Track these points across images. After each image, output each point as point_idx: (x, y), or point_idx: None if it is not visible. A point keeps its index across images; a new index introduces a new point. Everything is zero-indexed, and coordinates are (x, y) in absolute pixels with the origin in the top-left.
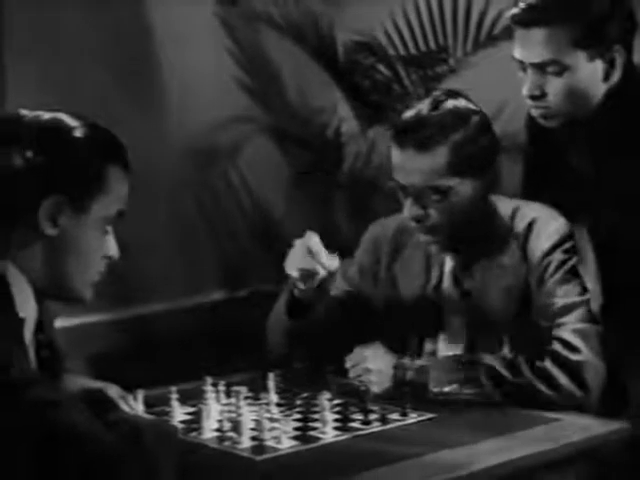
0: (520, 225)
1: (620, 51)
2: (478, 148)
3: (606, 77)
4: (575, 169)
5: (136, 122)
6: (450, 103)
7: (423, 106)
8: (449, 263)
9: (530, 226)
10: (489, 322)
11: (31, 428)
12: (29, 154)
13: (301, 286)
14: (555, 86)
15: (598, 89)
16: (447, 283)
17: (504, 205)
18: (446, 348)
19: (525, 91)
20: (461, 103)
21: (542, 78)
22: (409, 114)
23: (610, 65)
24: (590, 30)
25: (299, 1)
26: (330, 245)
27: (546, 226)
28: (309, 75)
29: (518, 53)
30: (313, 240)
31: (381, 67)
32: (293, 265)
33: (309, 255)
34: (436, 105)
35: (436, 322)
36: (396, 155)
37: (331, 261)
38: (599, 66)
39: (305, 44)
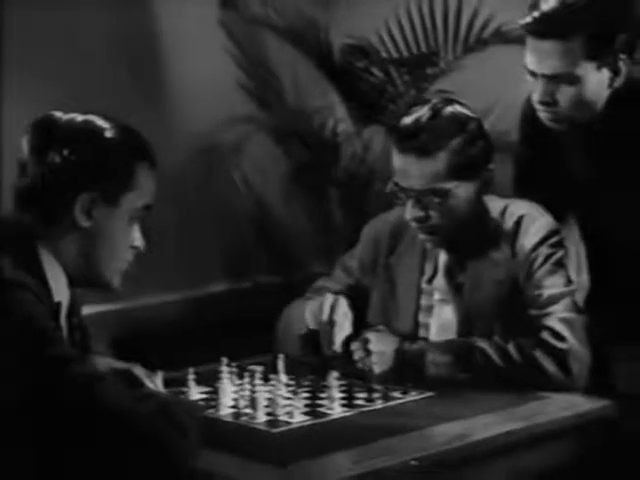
0: (509, 222)
1: (625, 60)
2: (475, 152)
3: (610, 84)
4: (570, 168)
5: (141, 121)
6: (448, 110)
7: (423, 113)
8: (443, 258)
9: (518, 223)
10: (481, 312)
11: (77, 400)
12: (65, 153)
13: None
14: (566, 94)
15: (603, 95)
16: (441, 276)
17: (494, 204)
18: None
19: (536, 97)
20: (458, 110)
21: (553, 86)
22: (409, 120)
23: (615, 73)
24: (602, 42)
25: (297, 6)
26: (325, 238)
27: (533, 222)
28: (307, 77)
29: (531, 63)
30: (338, 309)
31: (375, 69)
32: (314, 319)
33: (328, 321)
34: (435, 112)
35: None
36: (397, 159)
37: (341, 335)
38: (605, 74)
39: (303, 47)
